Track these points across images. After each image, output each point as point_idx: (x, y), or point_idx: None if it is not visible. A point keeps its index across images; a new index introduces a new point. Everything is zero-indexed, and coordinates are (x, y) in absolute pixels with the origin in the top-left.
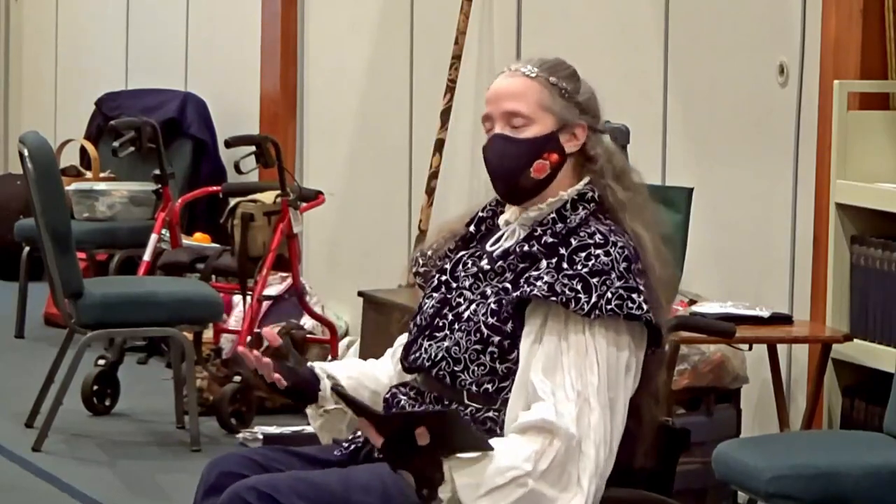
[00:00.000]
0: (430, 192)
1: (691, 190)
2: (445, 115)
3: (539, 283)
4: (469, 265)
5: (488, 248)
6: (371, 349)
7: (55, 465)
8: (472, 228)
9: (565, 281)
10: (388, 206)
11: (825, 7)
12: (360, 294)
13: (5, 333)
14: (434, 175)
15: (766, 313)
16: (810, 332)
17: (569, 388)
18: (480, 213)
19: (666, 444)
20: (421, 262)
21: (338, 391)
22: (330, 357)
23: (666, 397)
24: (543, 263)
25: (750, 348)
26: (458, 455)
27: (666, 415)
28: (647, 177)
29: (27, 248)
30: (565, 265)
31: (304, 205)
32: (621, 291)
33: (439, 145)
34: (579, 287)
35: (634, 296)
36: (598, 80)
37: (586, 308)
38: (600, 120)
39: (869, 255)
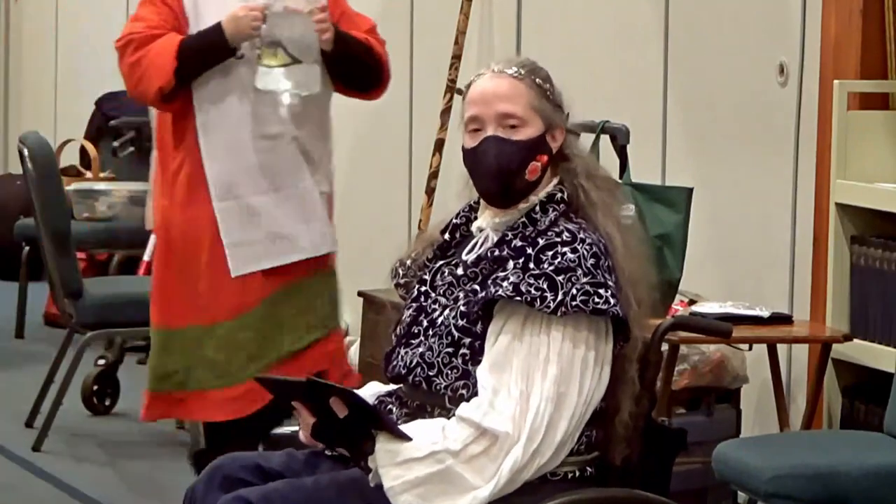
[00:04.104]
0: (430, 192)
1: (691, 190)
2: (445, 115)
3: (505, 284)
4: (446, 273)
5: (464, 255)
6: (371, 349)
7: (55, 465)
8: (446, 236)
9: (531, 280)
10: (388, 206)
11: (825, 7)
12: (360, 294)
13: (5, 333)
14: (434, 175)
15: (765, 313)
16: (810, 332)
17: (513, 386)
18: (454, 220)
19: (662, 444)
20: (401, 272)
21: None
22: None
23: (664, 397)
24: (511, 264)
25: (750, 348)
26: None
27: (665, 415)
28: (647, 177)
29: (27, 248)
30: (532, 265)
31: None
32: (587, 287)
33: (439, 145)
34: (545, 286)
35: (602, 291)
36: (598, 80)
37: (552, 306)
38: (568, 118)
39: (869, 255)
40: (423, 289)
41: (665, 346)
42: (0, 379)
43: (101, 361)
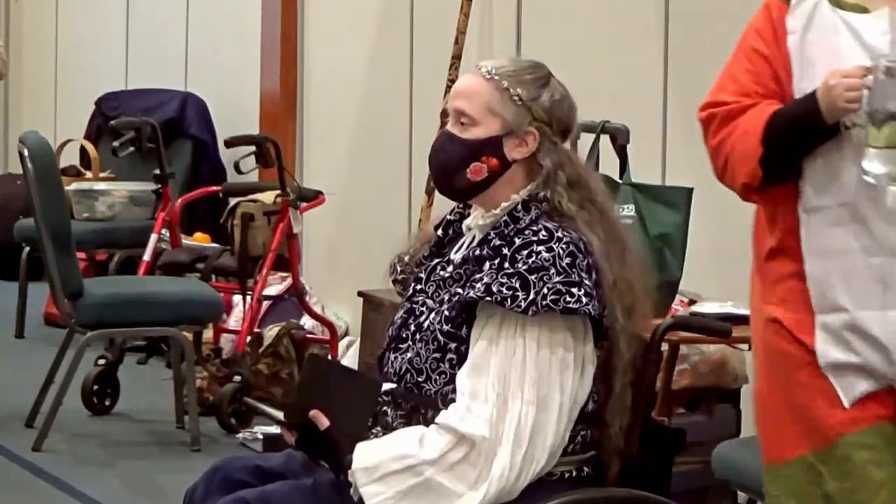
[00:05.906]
0: (430, 192)
1: (691, 190)
2: (445, 114)
3: (478, 286)
4: (438, 271)
5: (452, 254)
6: (371, 349)
7: (55, 465)
8: (440, 232)
9: (503, 280)
10: (388, 206)
11: None
12: (360, 294)
13: (5, 333)
14: None
15: None
16: None
17: (489, 389)
18: (448, 216)
19: (662, 444)
20: (399, 268)
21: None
22: (329, 357)
23: (664, 397)
24: (486, 265)
25: (750, 348)
26: (366, 441)
27: (665, 415)
28: (647, 177)
29: (27, 248)
30: (507, 264)
31: (304, 205)
32: (559, 286)
33: None
34: (517, 285)
35: (574, 290)
36: (598, 80)
37: (523, 305)
38: (570, 129)
39: None
40: (417, 286)
41: (665, 346)
42: (0, 379)
43: (101, 361)
